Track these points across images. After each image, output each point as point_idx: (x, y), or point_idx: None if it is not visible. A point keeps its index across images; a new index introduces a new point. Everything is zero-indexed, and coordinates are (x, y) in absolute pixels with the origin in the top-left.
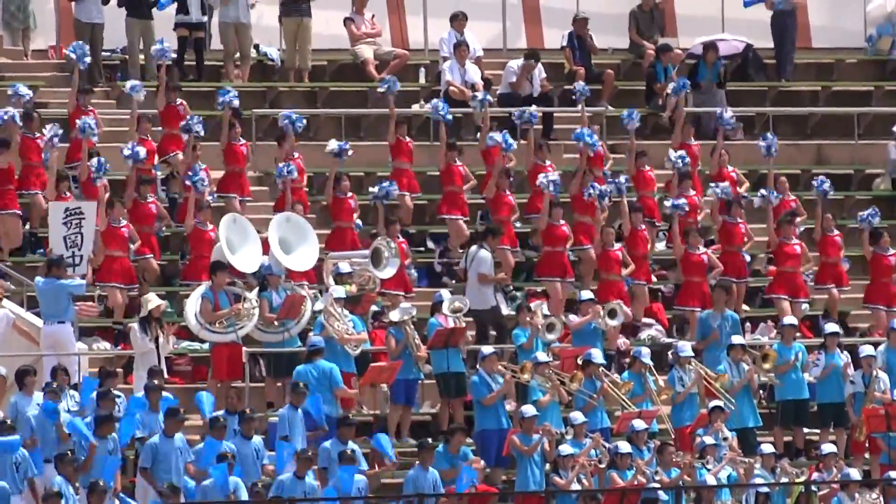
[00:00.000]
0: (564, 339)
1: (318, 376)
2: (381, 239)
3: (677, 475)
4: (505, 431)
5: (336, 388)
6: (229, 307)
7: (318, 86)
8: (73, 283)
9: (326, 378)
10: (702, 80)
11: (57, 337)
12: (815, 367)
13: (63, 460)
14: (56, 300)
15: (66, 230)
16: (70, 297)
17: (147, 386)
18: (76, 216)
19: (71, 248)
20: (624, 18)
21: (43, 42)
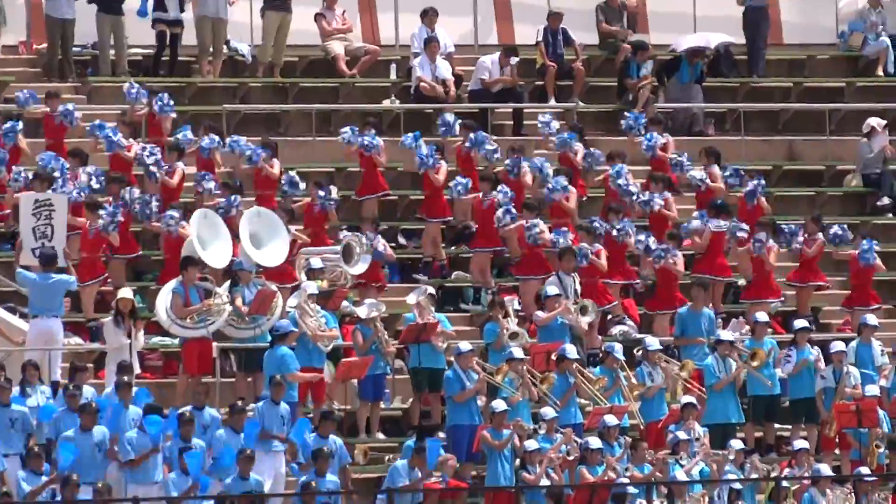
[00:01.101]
0: (533, 335)
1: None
2: (352, 235)
3: (650, 471)
4: (476, 427)
5: (287, 373)
6: (200, 302)
7: (289, 81)
8: (70, 279)
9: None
10: (684, 81)
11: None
12: (787, 363)
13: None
14: (52, 295)
15: (34, 221)
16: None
17: (117, 383)
18: (46, 208)
19: (41, 239)
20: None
21: (13, 38)
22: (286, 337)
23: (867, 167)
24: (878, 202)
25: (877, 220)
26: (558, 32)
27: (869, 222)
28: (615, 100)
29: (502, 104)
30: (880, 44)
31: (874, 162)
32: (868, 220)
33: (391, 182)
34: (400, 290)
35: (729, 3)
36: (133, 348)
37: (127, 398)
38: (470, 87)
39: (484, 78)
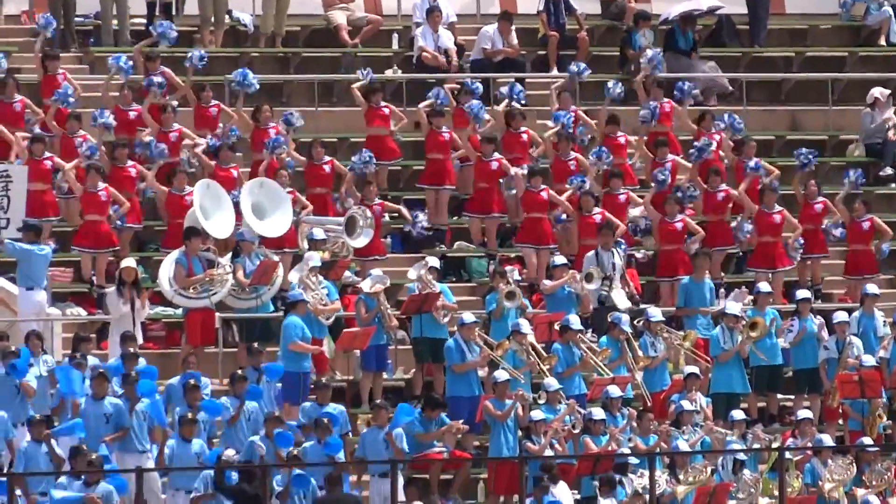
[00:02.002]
0: (538, 304)
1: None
2: (356, 207)
3: (654, 442)
4: (476, 398)
5: (289, 342)
6: (203, 273)
7: (291, 51)
8: (45, 250)
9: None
10: (679, 47)
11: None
12: (790, 333)
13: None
14: (43, 267)
15: None
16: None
17: (123, 353)
18: (4, 179)
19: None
20: None
21: (15, 7)
22: (296, 306)
23: (870, 137)
24: (881, 172)
25: (880, 189)
26: (560, 2)
27: (872, 192)
28: (617, 69)
29: (504, 74)
30: (883, 13)
31: (877, 132)
32: (871, 189)
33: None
34: (403, 261)
35: None
36: (137, 318)
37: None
38: (472, 57)
39: (486, 47)
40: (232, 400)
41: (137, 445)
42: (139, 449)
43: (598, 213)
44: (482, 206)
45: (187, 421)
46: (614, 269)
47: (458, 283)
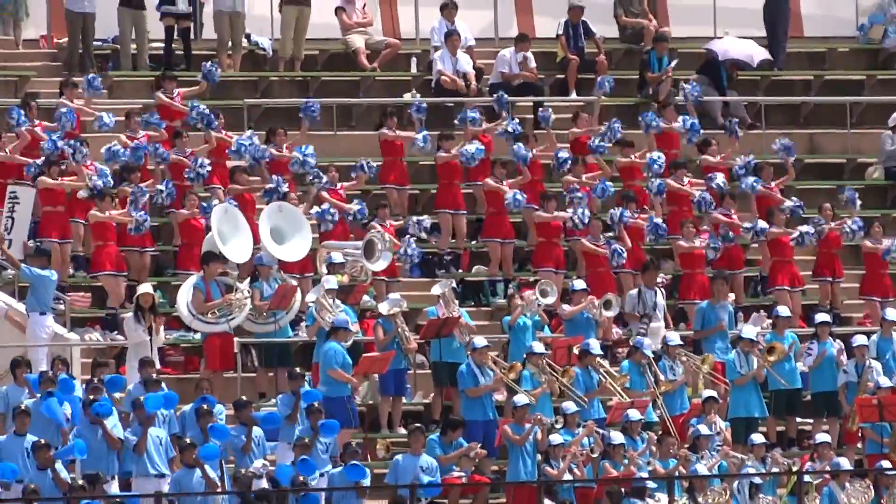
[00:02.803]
0: (557, 329)
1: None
2: (375, 231)
3: (674, 465)
4: (491, 422)
5: (329, 369)
6: (221, 297)
7: (310, 75)
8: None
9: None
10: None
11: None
12: (808, 356)
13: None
14: (47, 290)
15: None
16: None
17: (145, 379)
18: (11, 200)
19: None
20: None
21: (34, 31)
22: (337, 332)
23: (889, 160)
24: None
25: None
26: (579, 25)
27: (890, 215)
28: (636, 93)
29: (523, 97)
30: None
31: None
32: (889, 212)
33: (412, 176)
34: (421, 285)
35: None
36: (154, 344)
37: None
38: (491, 81)
39: (504, 71)
40: (239, 427)
41: (151, 469)
42: (154, 472)
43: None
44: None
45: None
46: (655, 309)
47: (476, 307)
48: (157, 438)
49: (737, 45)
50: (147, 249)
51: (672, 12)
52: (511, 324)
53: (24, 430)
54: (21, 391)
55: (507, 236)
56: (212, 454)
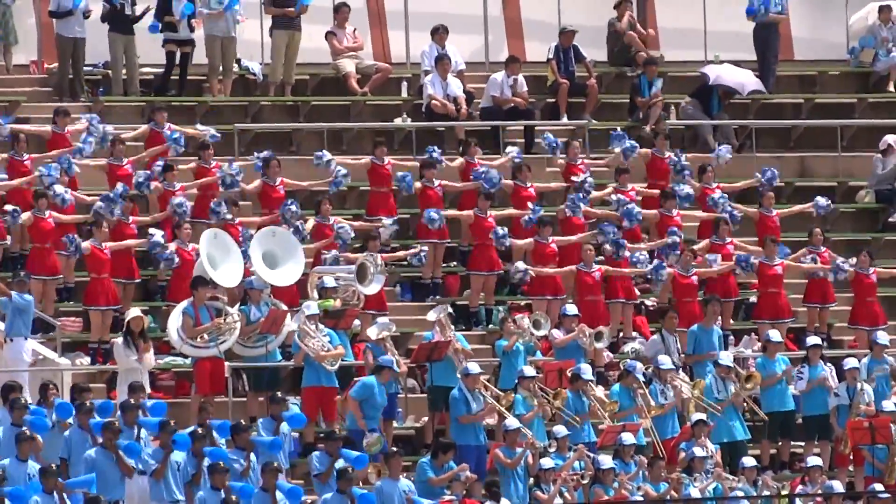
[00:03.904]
0: (547, 352)
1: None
2: (366, 254)
3: (665, 489)
4: (483, 447)
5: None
6: (210, 322)
7: (301, 100)
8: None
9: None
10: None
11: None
12: (800, 379)
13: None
14: (29, 315)
15: None
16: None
17: (122, 404)
18: None
19: None
20: (604, 31)
21: (24, 57)
22: (381, 371)
23: (880, 183)
24: (891, 218)
25: (889, 236)
26: (570, 49)
27: (881, 238)
28: (626, 116)
29: (514, 122)
30: (891, 59)
31: (887, 178)
32: (880, 236)
33: (401, 201)
34: (412, 309)
35: (739, 18)
36: (144, 368)
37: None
38: (481, 105)
39: (496, 95)
40: (237, 451)
41: (166, 495)
42: (169, 499)
43: (596, 271)
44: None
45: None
46: (679, 354)
47: (468, 331)
48: (176, 463)
49: (730, 73)
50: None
51: (663, 36)
52: (506, 349)
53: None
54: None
55: (492, 268)
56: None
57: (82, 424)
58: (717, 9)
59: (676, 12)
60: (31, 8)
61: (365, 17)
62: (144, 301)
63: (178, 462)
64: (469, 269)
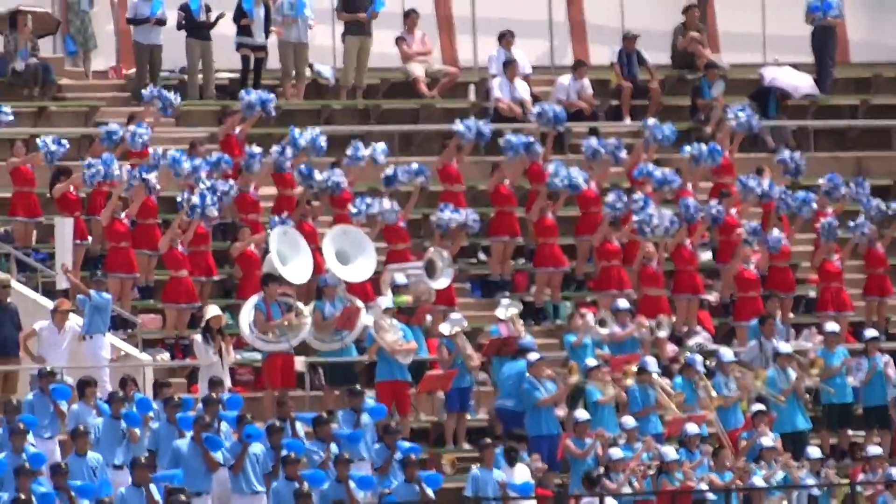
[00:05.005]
0: None
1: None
2: (434, 250)
3: (730, 478)
4: (555, 436)
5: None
6: (281, 317)
7: (371, 103)
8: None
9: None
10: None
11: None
12: (858, 371)
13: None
14: (106, 313)
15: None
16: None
17: (204, 399)
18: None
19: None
20: (667, 35)
21: (103, 63)
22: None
23: None
24: None
25: None
26: (633, 54)
27: None
28: (688, 118)
29: (579, 122)
30: None
31: None
32: None
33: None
34: (481, 305)
35: (798, 22)
36: (224, 364)
37: (213, 413)
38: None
39: (562, 98)
40: (317, 443)
41: (245, 487)
42: (249, 490)
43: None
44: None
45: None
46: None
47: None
48: (255, 456)
49: (786, 75)
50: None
51: (724, 39)
52: (576, 345)
53: (83, 449)
54: (89, 411)
55: (557, 265)
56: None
57: (170, 418)
58: (776, 13)
59: (736, 16)
60: (110, 15)
61: (433, 22)
62: (222, 298)
63: (258, 454)
64: (535, 267)
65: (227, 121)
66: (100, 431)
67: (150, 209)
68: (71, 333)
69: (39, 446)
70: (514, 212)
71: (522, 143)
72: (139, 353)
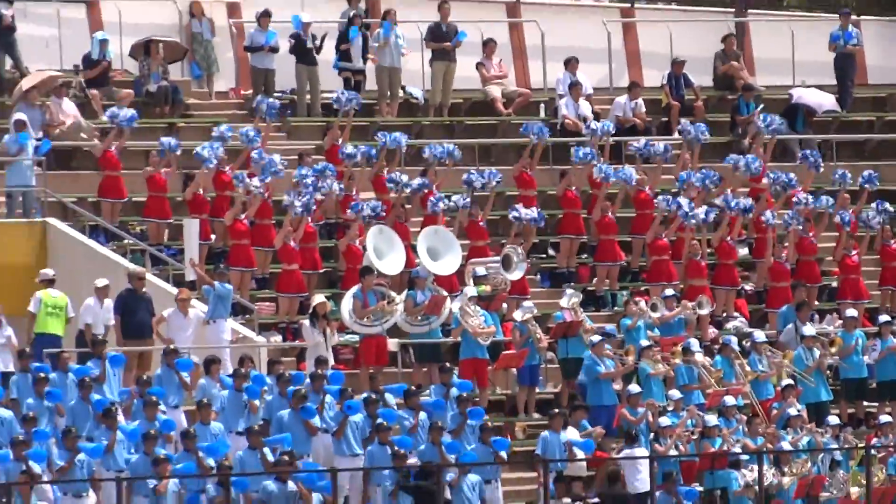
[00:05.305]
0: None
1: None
2: (510, 247)
3: (762, 442)
4: (612, 407)
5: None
6: (376, 305)
7: (455, 120)
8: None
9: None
10: (799, 128)
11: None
12: (873, 351)
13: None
14: (228, 301)
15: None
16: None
17: (311, 375)
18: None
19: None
20: (710, 61)
21: (224, 85)
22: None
23: None
24: None
25: None
26: (681, 77)
27: None
28: (728, 132)
29: (634, 136)
30: None
31: None
32: None
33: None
34: (550, 294)
35: (822, 49)
36: (329, 344)
37: (319, 387)
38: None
39: (619, 115)
40: (408, 412)
41: (346, 450)
42: (349, 452)
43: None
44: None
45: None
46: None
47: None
48: (355, 423)
49: (812, 95)
50: (318, 271)
51: (758, 64)
52: (630, 328)
53: (207, 419)
54: (213, 384)
55: (615, 259)
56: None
57: (281, 392)
58: (804, 41)
59: (769, 44)
60: (230, 44)
61: (509, 50)
62: (327, 288)
63: (357, 422)
64: (596, 261)
65: (329, 134)
66: (224, 402)
67: (266, 211)
68: (195, 319)
69: (169, 414)
70: (578, 213)
71: (585, 153)
72: (256, 335)
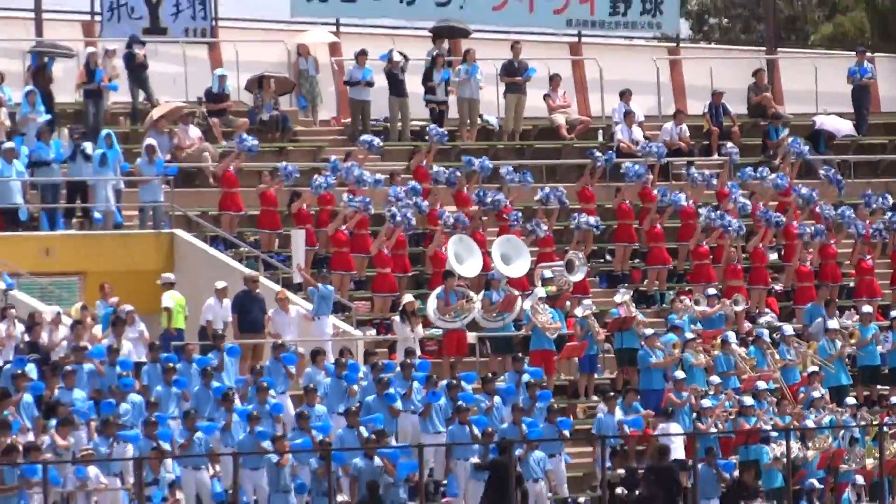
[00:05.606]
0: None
1: None
2: (572, 252)
3: (789, 420)
4: (661, 391)
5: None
6: (456, 303)
7: (526, 144)
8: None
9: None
10: (821, 150)
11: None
12: (886, 341)
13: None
14: (330, 300)
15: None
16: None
17: (401, 364)
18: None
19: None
20: (744, 92)
21: (327, 114)
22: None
23: None
24: None
25: None
26: (720, 106)
27: None
28: (759, 154)
29: (679, 158)
30: None
31: None
32: None
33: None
34: (607, 294)
35: (841, 82)
36: (416, 337)
37: (408, 375)
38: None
39: (666, 140)
40: (485, 396)
41: (430, 428)
42: (434, 430)
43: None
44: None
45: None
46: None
47: (647, 309)
48: (438, 406)
49: (832, 121)
50: (407, 274)
51: (786, 95)
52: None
53: (312, 402)
54: (318, 372)
55: (664, 263)
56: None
57: (375, 378)
58: (825, 75)
59: (795, 77)
60: (332, 79)
61: (572, 83)
62: (415, 289)
63: (440, 405)
64: (647, 265)
65: (416, 157)
66: (328, 388)
67: (363, 223)
68: (297, 316)
69: (277, 399)
70: (631, 224)
71: (637, 171)
72: (354, 330)
